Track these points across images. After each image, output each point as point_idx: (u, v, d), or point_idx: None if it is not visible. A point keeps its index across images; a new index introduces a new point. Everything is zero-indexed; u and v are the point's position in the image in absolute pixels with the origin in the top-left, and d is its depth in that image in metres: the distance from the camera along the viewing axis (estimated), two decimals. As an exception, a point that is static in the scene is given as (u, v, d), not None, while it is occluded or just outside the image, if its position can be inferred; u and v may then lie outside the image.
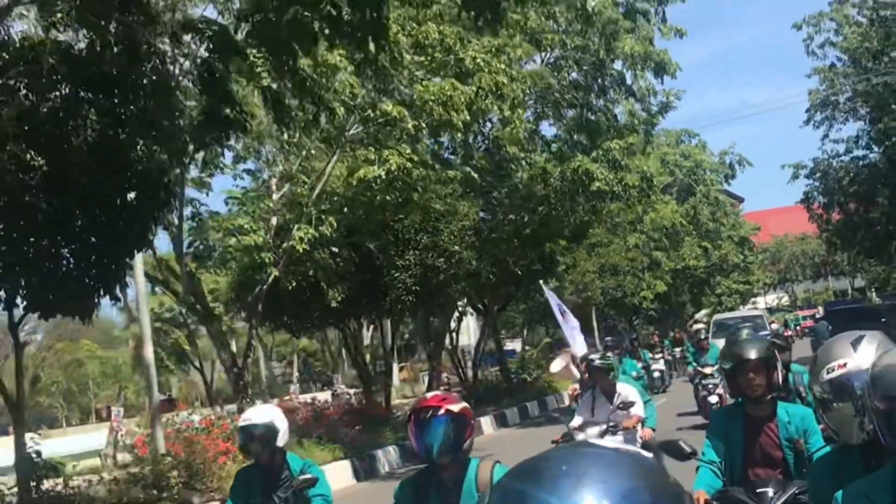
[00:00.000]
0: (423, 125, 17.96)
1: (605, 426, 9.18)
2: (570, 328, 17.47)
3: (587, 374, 10.11)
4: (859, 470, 3.45)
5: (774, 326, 35.83)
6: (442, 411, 4.44)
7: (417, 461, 5.06)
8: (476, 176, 22.06)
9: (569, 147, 26.67)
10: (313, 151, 19.24)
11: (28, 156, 13.19)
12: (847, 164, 40.18)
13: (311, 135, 16.91)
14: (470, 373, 32.64)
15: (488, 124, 24.80)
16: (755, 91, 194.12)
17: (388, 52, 12.79)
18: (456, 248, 22.33)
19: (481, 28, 11.46)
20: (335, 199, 19.34)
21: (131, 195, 14.43)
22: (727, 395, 12.75)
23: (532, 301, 38.45)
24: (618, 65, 26.89)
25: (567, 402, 13.91)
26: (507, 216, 26.61)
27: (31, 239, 14.00)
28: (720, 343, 26.25)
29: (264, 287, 19.16)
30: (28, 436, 14.62)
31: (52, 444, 32.42)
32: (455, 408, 4.48)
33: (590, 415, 9.49)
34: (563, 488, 1.44)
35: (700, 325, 25.64)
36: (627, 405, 9.29)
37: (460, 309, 31.22)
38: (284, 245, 19.07)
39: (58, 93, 13.80)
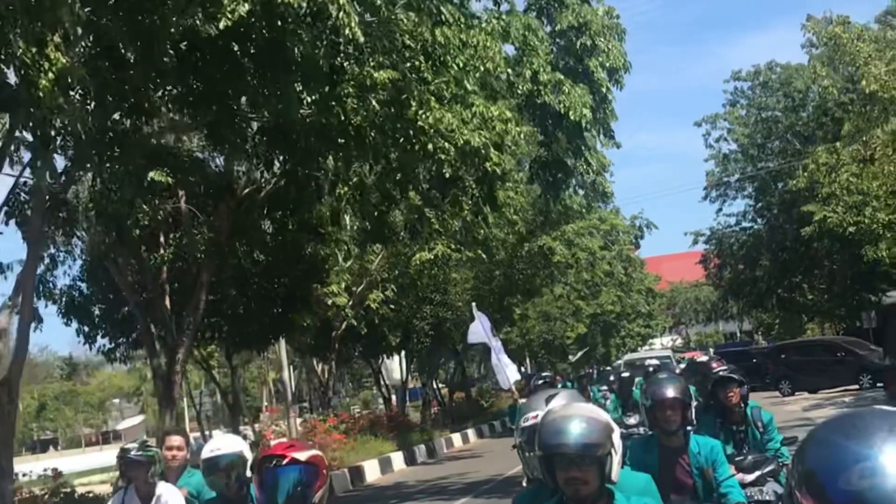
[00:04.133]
0: (456, 225, 28.00)
1: None
2: (503, 359, 16.86)
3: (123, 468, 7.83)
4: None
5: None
6: (286, 460, 4.15)
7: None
8: (482, 254, 31.98)
9: (527, 225, 36.76)
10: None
11: (255, 254, 22.72)
12: (737, 233, 51.83)
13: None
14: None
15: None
16: (647, 136, 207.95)
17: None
18: (459, 303, 32.28)
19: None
20: (394, 271, 29.19)
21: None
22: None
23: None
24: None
25: None
26: (484, 277, 36.62)
27: (243, 302, 23.41)
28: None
29: (338, 332, 28.87)
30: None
31: (74, 461, 41.46)
32: (302, 456, 4.19)
33: None
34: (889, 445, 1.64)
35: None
36: None
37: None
38: (351, 302, 28.74)
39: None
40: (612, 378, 19.04)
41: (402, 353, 34.94)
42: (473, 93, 15.19)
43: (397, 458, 28.41)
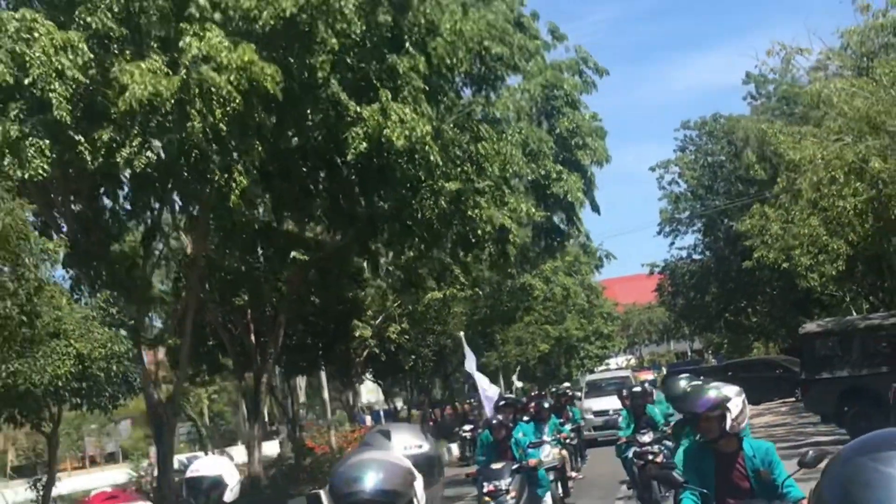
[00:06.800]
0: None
1: None
2: (483, 383, 22.24)
3: None
4: None
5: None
6: None
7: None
8: (479, 291, 38.35)
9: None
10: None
11: (316, 298, 28.98)
12: (688, 264, 58.94)
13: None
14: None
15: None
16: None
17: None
18: (458, 332, 38.70)
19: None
20: (407, 307, 35.56)
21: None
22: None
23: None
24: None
25: None
26: (473, 309, 43.10)
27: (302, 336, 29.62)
28: (594, 403, 38.09)
29: (361, 360, 35.18)
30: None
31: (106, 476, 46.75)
32: None
33: None
34: None
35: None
36: None
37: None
38: (371, 333, 35.05)
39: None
40: (624, 393, 18.23)
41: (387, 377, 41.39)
42: (509, 193, 21.71)
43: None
